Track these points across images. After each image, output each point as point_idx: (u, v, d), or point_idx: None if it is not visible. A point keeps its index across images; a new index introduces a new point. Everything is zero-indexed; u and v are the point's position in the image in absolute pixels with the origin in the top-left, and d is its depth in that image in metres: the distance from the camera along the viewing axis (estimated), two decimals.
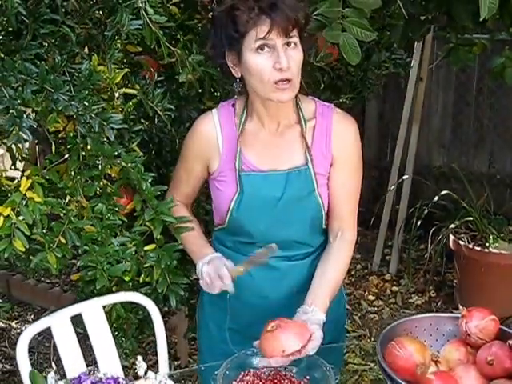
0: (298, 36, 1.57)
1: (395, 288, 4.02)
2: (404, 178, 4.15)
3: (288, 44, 1.55)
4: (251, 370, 1.57)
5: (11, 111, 1.42)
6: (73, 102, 1.47)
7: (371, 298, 3.94)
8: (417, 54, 3.95)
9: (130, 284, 1.89)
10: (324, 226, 1.76)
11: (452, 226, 3.72)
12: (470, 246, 3.60)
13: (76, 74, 1.55)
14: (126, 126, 1.63)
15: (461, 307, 1.57)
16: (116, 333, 2.00)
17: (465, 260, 3.61)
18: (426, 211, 3.98)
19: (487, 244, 3.59)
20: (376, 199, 4.36)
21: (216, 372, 1.54)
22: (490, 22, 2.34)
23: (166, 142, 2.01)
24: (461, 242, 3.63)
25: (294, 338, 1.52)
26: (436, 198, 3.98)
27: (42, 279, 3.91)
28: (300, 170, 1.68)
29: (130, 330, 2.02)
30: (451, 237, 3.70)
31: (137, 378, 1.40)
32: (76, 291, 2.12)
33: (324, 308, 1.63)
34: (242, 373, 1.56)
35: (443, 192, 3.97)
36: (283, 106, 1.65)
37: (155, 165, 2.03)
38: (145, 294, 1.87)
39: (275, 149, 1.69)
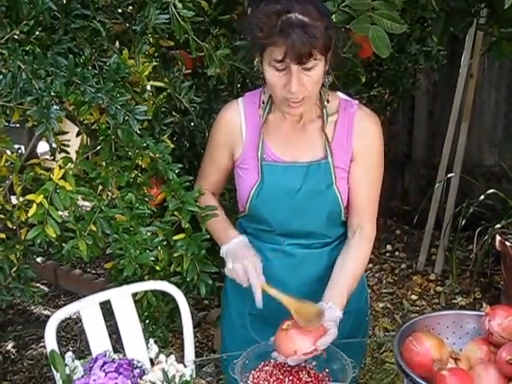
0: (322, 52, 1.49)
1: (439, 288, 3.93)
2: (450, 175, 4.05)
3: (306, 67, 1.49)
4: (271, 361, 1.58)
5: (41, 102, 1.47)
6: (99, 94, 1.51)
7: (414, 297, 3.87)
8: (467, 49, 3.86)
9: (162, 273, 1.93)
10: (343, 219, 1.75)
11: (498, 226, 3.62)
12: None
13: (105, 68, 1.60)
14: (149, 118, 1.66)
15: (485, 305, 1.54)
16: (147, 321, 2.05)
17: (511, 261, 3.51)
18: (471, 210, 3.88)
19: None
20: (424, 198, 4.29)
21: (235, 361, 1.56)
22: None
23: (197, 135, 2.04)
24: (507, 243, 3.52)
25: (308, 340, 1.53)
26: (482, 197, 3.88)
27: (88, 270, 4.03)
28: (320, 164, 1.68)
29: (162, 319, 2.07)
30: (497, 237, 3.60)
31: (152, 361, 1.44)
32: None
33: (341, 305, 1.63)
34: (262, 363, 1.58)
35: (490, 191, 3.87)
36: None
37: (187, 157, 2.06)
38: (175, 283, 1.91)
39: (296, 141, 1.70)
